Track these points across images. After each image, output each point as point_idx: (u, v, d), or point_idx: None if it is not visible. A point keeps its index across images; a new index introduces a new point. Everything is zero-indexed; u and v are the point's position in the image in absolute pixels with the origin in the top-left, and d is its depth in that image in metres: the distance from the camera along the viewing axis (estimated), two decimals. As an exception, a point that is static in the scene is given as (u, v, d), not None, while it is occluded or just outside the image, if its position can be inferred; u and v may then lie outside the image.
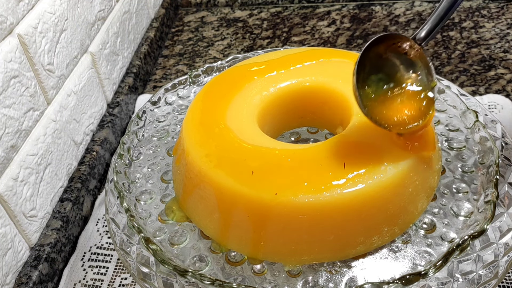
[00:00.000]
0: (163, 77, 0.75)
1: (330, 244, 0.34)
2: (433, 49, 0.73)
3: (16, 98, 0.44)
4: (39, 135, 0.48)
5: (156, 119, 0.47)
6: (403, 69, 0.35)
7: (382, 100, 0.35)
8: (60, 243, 0.49)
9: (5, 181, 0.42)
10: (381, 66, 0.35)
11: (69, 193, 0.52)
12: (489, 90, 0.65)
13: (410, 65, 0.35)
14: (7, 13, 0.43)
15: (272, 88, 0.42)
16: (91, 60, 0.59)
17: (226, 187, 0.34)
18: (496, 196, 0.34)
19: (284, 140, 0.47)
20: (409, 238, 0.35)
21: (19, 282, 0.44)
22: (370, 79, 0.35)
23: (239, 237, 0.35)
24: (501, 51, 0.71)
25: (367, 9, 0.85)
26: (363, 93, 0.34)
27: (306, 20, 0.84)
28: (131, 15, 0.71)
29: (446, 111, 0.44)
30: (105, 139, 0.59)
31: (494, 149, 0.38)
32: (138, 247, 0.36)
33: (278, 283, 0.34)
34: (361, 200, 0.33)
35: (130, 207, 0.37)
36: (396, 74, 0.35)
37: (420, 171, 0.35)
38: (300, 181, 0.34)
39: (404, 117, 0.35)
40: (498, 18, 0.78)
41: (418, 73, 0.35)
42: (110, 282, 0.47)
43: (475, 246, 0.34)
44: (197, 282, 0.32)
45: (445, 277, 0.33)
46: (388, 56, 0.35)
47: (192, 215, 0.38)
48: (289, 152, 0.36)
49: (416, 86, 0.35)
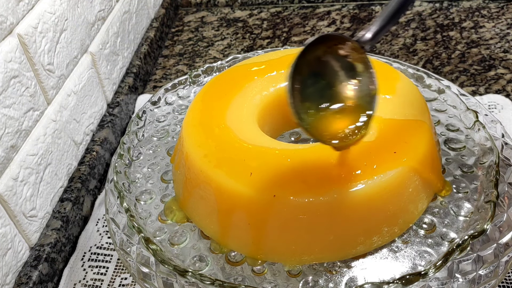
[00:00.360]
0: (163, 77, 0.75)
1: (330, 244, 0.34)
2: (433, 49, 0.73)
3: (16, 98, 0.44)
4: (39, 135, 0.48)
5: (156, 119, 0.47)
6: (343, 75, 0.32)
7: (318, 110, 0.32)
8: (60, 243, 0.49)
9: (5, 181, 0.42)
10: (319, 70, 0.32)
11: (69, 193, 0.52)
12: (489, 90, 0.65)
13: (351, 70, 0.32)
14: (7, 13, 0.43)
15: (272, 88, 0.42)
16: (91, 60, 0.59)
17: (226, 187, 0.34)
18: (496, 196, 0.34)
19: (284, 140, 0.47)
20: (409, 238, 0.35)
21: (19, 282, 0.44)
22: (307, 85, 0.31)
23: (239, 237, 0.35)
24: (501, 51, 0.71)
25: (367, 9, 0.85)
26: (297, 100, 0.31)
27: (306, 20, 0.84)
28: (131, 15, 0.71)
29: (446, 111, 0.44)
30: (105, 139, 0.59)
31: (494, 149, 0.38)
32: (138, 247, 0.36)
33: (278, 283, 0.34)
34: (361, 200, 0.33)
35: (130, 207, 0.37)
36: (335, 80, 0.32)
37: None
38: (300, 181, 0.34)
39: (341, 129, 0.32)
40: (498, 18, 0.78)
41: (359, 79, 0.32)
42: (110, 282, 0.47)
43: (475, 246, 0.34)
44: (197, 282, 0.32)
45: (445, 277, 0.33)
46: (328, 60, 0.32)
47: (192, 215, 0.38)
48: (289, 152, 0.36)
49: (356, 94, 0.32)
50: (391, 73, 0.42)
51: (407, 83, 0.41)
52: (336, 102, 0.32)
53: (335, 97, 0.32)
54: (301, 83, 0.31)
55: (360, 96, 0.32)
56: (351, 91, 0.32)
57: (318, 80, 0.32)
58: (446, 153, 0.41)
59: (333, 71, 0.32)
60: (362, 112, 0.32)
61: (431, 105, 0.44)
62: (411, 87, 0.41)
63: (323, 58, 0.32)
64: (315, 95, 0.32)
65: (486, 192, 0.36)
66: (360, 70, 0.32)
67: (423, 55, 0.72)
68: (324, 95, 0.32)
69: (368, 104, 0.32)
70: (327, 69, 0.32)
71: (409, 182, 0.34)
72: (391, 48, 0.74)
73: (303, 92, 0.31)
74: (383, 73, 0.42)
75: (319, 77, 0.32)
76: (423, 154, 0.35)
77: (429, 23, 0.79)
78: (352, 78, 0.32)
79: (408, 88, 0.40)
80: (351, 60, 0.32)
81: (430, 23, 0.79)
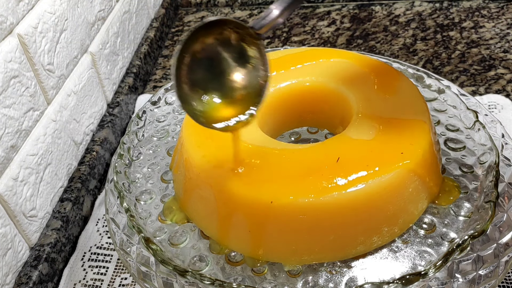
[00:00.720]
0: (163, 77, 0.75)
1: (330, 244, 0.34)
2: (433, 49, 0.73)
3: (16, 98, 0.44)
4: (39, 135, 0.48)
5: (156, 119, 0.47)
6: (235, 60, 0.32)
7: (207, 95, 0.31)
8: (60, 243, 0.49)
9: (5, 181, 0.42)
10: (210, 54, 0.31)
11: (69, 193, 0.52)
12: (489, 90, 0.65)
13: (244, 56, 0.32)
14: (7, 13, 0.43)
15: (272, 88, 0.42)
16: (91, 60, 0.59)
17: (226, 187, 0.34)
18: (496, 196, 0.34)
19: (284, 140, 0.47)
20: (409, 238, 0.35)
21: (19, 282, 0.44)
22: (197, 69, 0.31)
23: (239, 237, 0.35)
24: (501, 51, 0.71)
25: (367, 9, 0.85)
26: (184, 84, 0.30)
27: (306, 20, 0.84)
28: (131, 15, 0.71)
29: (446, 111, 0.44)
30: (105, 139, 0.59)
31: (494, 149, 0.38)
32: (138, 247, 0.36)
33: (278, 283, 0.34)
34: (361, 200, 0.33)
35: (130, 207, 0.37)
36: (228, 65, 0.32)
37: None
38: (300, 181, 0.34)
39: (227, 112, 0.32)
40: (498, 18, 0.78)
41: (252, 65, 0.32)
42: (110, 282, 0.47)
43: (475, 246, 0.34)
44: (197, 282, 0.32)
45: (445, 277, 0.33)
46: (221, 45, 0.31)
47: (192, 215, 0.38)
48: (289, 152, 0.36)
49: (248, 79, 0.32)
50: (391, 73, 0.42)
51: (407, 83, 0.41)
52: (226, 88, 0.32)
53: (225, 83, 0.32)
54: (191, 67, 0.31)
55: (251, 83, 0.32)
56: (243, 77, 0.32)
57: (210, 64, 0.32)
58: (446, 153, 0.41)
59: (227, 57, 0.32)
60: (253, 99, 0.32)
61: (431, 105, 0.44)
62: (411, 87, 0.41)
63: (215, 43, 0.31)
64: (205, 79, 0.32)
65: (486, 192, 0.36)
66: (254, 56, 0.32)
67: (423, 55, 0.72)
68: (215, 80, 0.32)
69: (259, 91, 0.32)
70: (221, 54, 0.32)
71: (409, 182, 0.34)
72: (391, 48, 0.74)
73: (192, 76, 0.31)
74: (383, 73, 0.42)
75: (211, 62, 0.32)
76: (423, 154, 0.35)
77: (429, 23, 0.79)
78: (246, 64, 0.32)
79: (408, 88, 0.40)
80: (246, 46, 0.32)
81: (430, 23, 0.79)
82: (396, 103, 0.39)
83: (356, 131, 0.37)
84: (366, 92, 0.40)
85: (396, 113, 0.38)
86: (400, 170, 0.34)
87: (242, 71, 0.32)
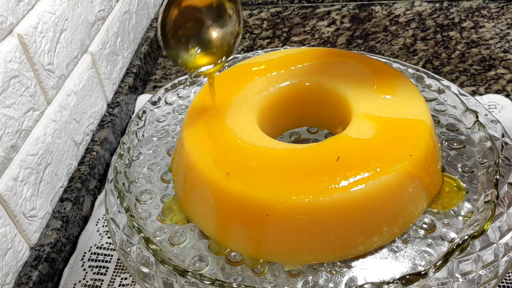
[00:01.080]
0: (163, 77, 0.75)
1: (330, 244, 0.34)
2: (433, 49, 0.73)
3: (16, 98, 0.44)
4: (39, 135, 0.48)
5: (156, 119, 0.47)
6: (215, 15, 0.36)
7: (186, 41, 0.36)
8: (60, 243, 0.49)
9: (5, 181, 0.42)
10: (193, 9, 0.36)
11: (69, 193, 0.52)
12: (489, 90, 0.65)
13: (222, 12, 0.37)
14: (7, 13, 0.43)
15: (272, 88, 0.42)
16: (91, 60, 0.59)
17: (225, 187, 0.34)
18: (496, 196, 0.34)
19: (284, 140, 0.47)
20: (409, 238, 0.35)
21: (19, 282, 0.44)
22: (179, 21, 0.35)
23: (239, 237, 0.35)
24: (501, 51, 0.71)
25: (367, 9, 0.85)
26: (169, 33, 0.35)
27: (306, 20, 0.84)
28: (131, 15, 0.71)
29: (446, 111, 0.44)
30: (105, 139, 0.59)
31: (494, 149, 0.38)
32: (138, 247, 0.36)
33: (278, 283, 0.34)
34: (361, 200, 0.33)
35: (130, 207, 0.37)
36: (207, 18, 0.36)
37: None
38: (300, 181, 0.34)
39: (204, 61, 0.37)
40: (498, 18, 0.78)
41: (228, 20, 0.37)
42: (110, 282, 0.47)
43: (475, 246, 0.34)
44: (197, 282, 0.32)
45: (445, 277, 0.33)
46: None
47: (192, 215, 0.38)
48: (289, 152, 0.36)
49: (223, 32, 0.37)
50: (391, 73, 0.42)
51: (407, 83, 0.41)
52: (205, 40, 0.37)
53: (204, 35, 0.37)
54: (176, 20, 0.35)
55: (225, 37, 0.37)
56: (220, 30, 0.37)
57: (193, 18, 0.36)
58: (446, 153, 0.41)
59: (207, 12, 0.36)
60: (226, 47, 0.37)
61: (431, 105, 0.44)
62: (411, 87, 0.41)
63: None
64: (188, 31, 0.36)
65: (486, 192, 0.36)
66: (231, 13, 0.37)
67: (423, 55, 0.72)
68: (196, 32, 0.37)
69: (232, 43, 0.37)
70: (202, 9, 0.36)
71: (409, 182, 0.34)
72: (391, 48, 0.75)
73: (176, 27, 0.35)
74: (383, 73, 0.42)
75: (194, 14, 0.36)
76: (423, 154, 0.35)
77: (429, 23, 0.79)
78: (223, 19, 0.37)
79: (408, 88, 0.40)
80: (225, 3, 0.37)
81: (430, 23, 0.79)
82: (396, 103, 0.39)
83: (356, 131, 0.37)
84: (366, 92, 0.40)
85: (396, 113, 0.38)
86: (400, 170, 0.34)
87: (219, 25, 0.37)
